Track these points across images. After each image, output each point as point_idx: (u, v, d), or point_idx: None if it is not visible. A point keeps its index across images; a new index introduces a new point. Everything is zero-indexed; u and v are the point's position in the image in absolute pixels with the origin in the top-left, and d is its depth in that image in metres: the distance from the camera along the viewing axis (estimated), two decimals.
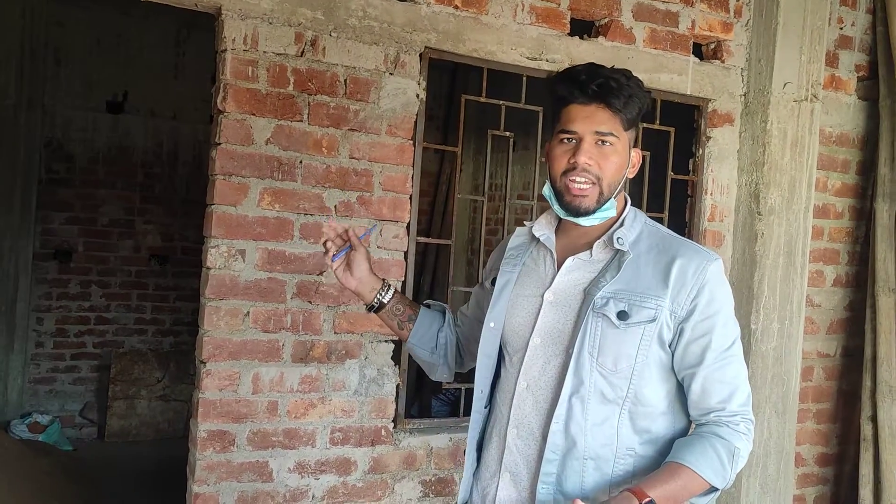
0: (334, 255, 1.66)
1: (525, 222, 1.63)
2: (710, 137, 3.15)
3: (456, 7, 2.68)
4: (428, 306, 1.79)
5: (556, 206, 1.51)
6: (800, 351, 3.20)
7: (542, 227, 1.56)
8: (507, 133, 2.88)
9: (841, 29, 3.36)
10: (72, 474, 3.95)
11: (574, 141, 1.45)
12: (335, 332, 2.58)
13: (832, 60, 3.33)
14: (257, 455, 2.46)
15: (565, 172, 1.46)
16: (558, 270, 1.51)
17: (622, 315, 1.41)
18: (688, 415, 1.49)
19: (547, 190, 1.52)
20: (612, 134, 1.44)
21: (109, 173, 5.36)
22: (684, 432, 1.49)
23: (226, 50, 2.39)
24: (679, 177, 3.17)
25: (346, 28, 2.53)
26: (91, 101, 5.27)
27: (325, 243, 1.67)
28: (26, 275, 5.05)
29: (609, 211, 1.49)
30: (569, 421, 1.43)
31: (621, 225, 1.49)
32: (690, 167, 3.19)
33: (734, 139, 3.19)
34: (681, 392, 1.48)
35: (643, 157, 3.03)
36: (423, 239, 2.85)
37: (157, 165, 5.50)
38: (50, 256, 5.22)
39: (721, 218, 3.19)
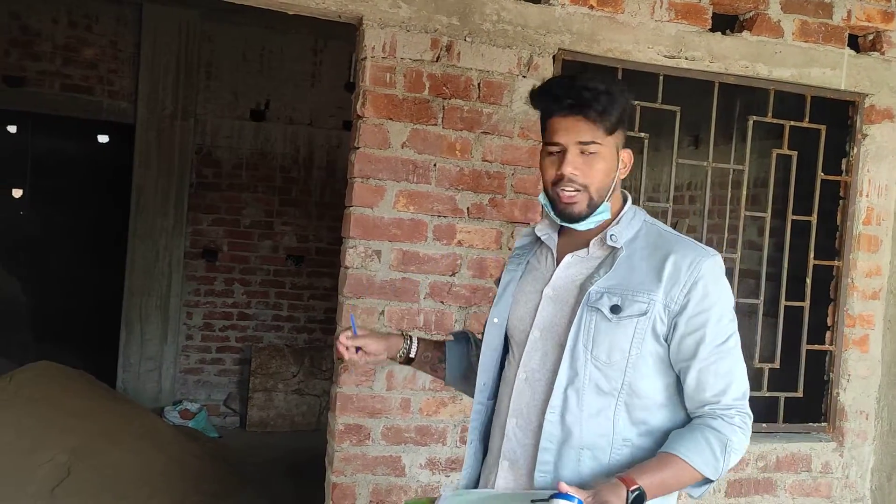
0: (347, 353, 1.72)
1: (532, 224, 1.70)
2: (866, 135, 2.94)
3: (591, 7, 2.64)
4: (453, 338, 1.82)
5: (551, 213, 1.56)
6: None
7: (545, 228, 1.62)
8: (642, 134, 2.81)
9: None
10: (219, 459, 4.21)
11: (559, 152, 1.50)
12: None
13: None
14: (391, 450, 2.53)
15: (555, 183, 1.51)
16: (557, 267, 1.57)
17: (615, 309, 1.46)
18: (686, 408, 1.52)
19: (542, 198, 1.58)
20: (593, 142, 1.47)
21: (252, 177, 5.68)
22: (684, 424, 1.50)
23: (366, 58, 2.48)
24: (830, 177, 2.97)
25: (480, 32, 2.55)
26: (237, 110, 5.61)
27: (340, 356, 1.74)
28: (178, 272, 5.45)
29: (603, 214, 1.53)
30: (564, 412, 1.47)
31: (617, 223, 1.53)
32: (843, 167, 2.99)
33: (894, 137, 2.95)
34: (680, 385, 1.51)
35: (789, 156, 2.91)
36: None
37: (294, 170, 5.78)
38: (198, 255, 5.59)
39: (878, 221, 2.97)
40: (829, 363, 2.99)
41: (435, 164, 2.55)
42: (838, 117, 2.99)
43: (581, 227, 1.53)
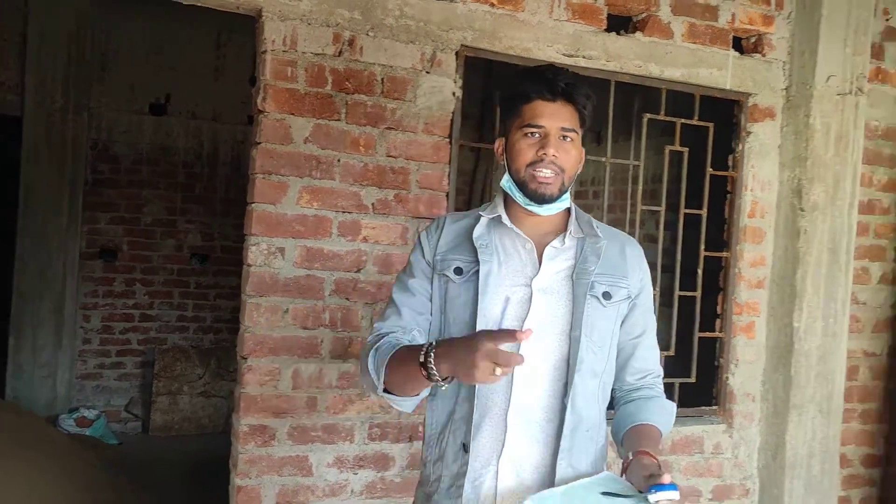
0: None
1: (480, 212, 1.63)
2: (750, 132, 3.10)
3: (492, 5, 2.68)
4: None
5: (518, 196, 1.57)
6: (844, 349, 3.13)
7: (507, 218, 1.60)
8: None
9: (887, 20, 3.27)
10: (118, 467, 4.05)
11: (538, 135, 1.54)
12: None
13: (878, 52, 3.25)
14: (297, 450, 2.49)
15: (532, 164, 1.54)
16: (539, 259, 1.57)
17: (606, 295, 1.57)
18: None
19: (507, 181, 1.59)
20: (573, 130, 1.55)
21: (153, 174, 5.48)
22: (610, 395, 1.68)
23: (266, 51, 2.44)
24: (718, 173, 3.12)
25: (383, 27, 2.55)
26: (135, 103, 5.39)
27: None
28: (73, 274, 5.18)
29: (566, 201, 1.60)
30: (574, 398, 1.53)
31: (577, 215, 1.63)
32: (730, 163, 3.15)
33: (775, 134, 3.14)
34: None
35: (681, 152, 3.05)
36: None
37: (198, 166, 5.61)
38: (96, 255, 5.35)
39: (762, 214, 3.14)
40: (719, 349, 3.15)
41: (339, 160, 2.54)
42: (725, 115, 3.15)
43: (544, 211, 1.56)
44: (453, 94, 2.66)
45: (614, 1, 2.85)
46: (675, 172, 3.15)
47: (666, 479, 1.34)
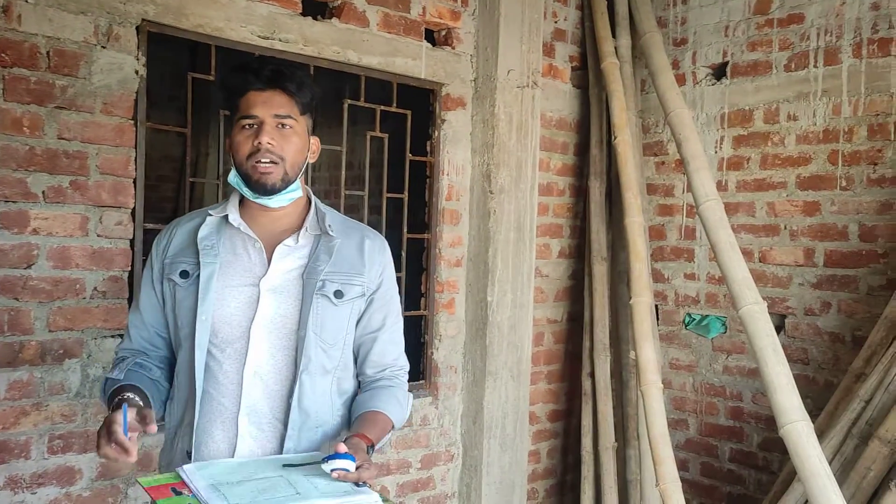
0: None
1: (210, 211, 1.63)
2: (444, 120, 3.30)
3: None
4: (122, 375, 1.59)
5: (245, 190, 1.57)
6: (531, 318, 3.48)
7: (236, 217, 1.59)
8: None
9: (556, 22, 3.67)
10: None
11: (255, 126, 1.53)
12: (50, 331, 2.33)
13: (549, 51, 3.63)
14: None
15: (250, 156, 1.53)
16: (269, 259, 1.57)
17: (338, 294, 1.58)
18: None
19: (233, 177, 1.58)
20: (290, 116, 1.54)
21: None
22: (356, 389, 1.72)
23: None
24: (417, 158, 3.28)
25: None
26: None
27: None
28: None
29: (296, 192, 1.60)
30: (301, 397, 1.55)
31: (317, 212, 1.63)
32: (428, 149, 3.32)
33: (467, 122, 3.37)
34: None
35: (381, 138, 3.15)
36: (151, 225, 2.66)
37: None
38: None
39: (458, 197, 3.36)
40: (425, 326, 3.33)
41: None
42: (423, 104, 3.31)
43: (274, 203, 1.55)
44: (136, 72, 2.46)
45: None
46: (379, 158, 3.25)
47: (340, 448, 1.39)
